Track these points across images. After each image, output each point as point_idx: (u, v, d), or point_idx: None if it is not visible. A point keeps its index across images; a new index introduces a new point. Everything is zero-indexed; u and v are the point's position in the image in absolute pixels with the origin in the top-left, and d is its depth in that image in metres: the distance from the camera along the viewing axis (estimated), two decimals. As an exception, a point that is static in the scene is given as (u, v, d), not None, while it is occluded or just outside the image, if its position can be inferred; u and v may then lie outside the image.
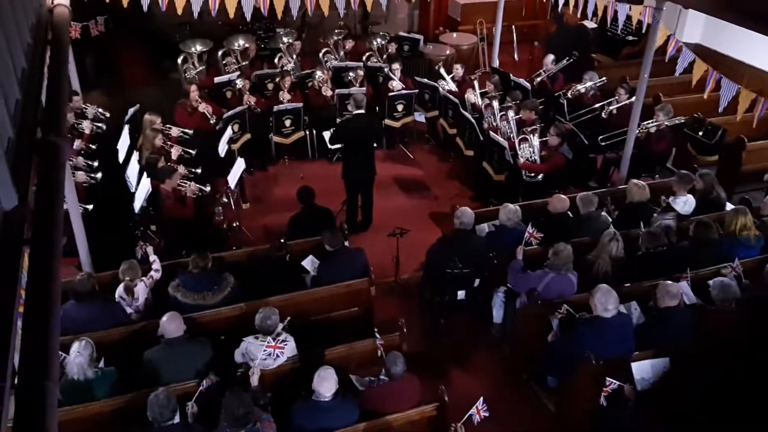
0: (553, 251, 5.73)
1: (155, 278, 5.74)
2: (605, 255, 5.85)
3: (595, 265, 5.86)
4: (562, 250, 5.69)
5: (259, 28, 11.31)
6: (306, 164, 9.35)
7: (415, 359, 5.74)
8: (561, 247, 5.71)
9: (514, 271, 5.94)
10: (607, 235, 5.83)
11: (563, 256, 5.68)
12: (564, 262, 5.70)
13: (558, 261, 5.67)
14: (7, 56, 3.24)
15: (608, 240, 5.81)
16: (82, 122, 7.59)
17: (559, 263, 5.68)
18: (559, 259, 5.68)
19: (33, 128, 3.31)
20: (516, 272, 5.92)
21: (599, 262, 5.85)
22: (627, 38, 11.37)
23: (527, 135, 7.79)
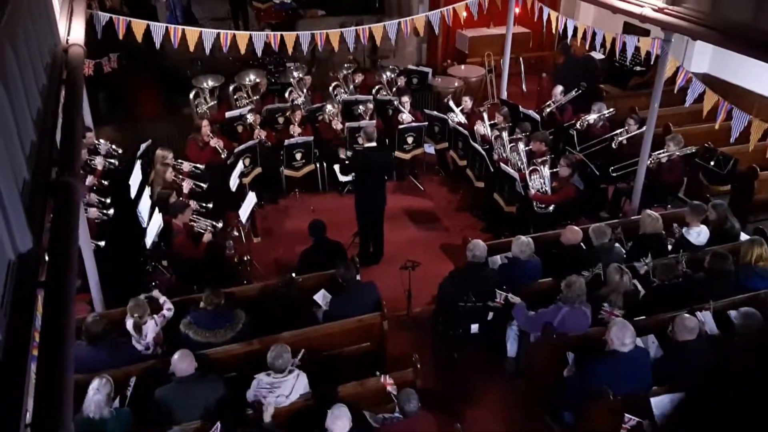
0: (565, 284, 5.67)
1: (167, 317, 5.70)
2: (619, 290, 5.77)
3: (607, 301, 5.78)
4: (574, 282, 5.63)
5: (270, 63, 11.47)
6: (317, 197, 9.39)
7: (429, 395, 5.69)
8: (573, 279, 5.65)
9: (521, 314, 5.85)
10: (615, 271, 5.75)
11: (576, 288, 5.62)
12: (577, 294, 5.63)
13: (571, 294, 5.61)
14: (23, 98, 3.27)
15: (619, 276, 5.73)
16: (94, 158, 7.65)
17: (572, 296, 5.61)
18: (572, 291, 5.61)
19: (48, 169, 3.33)
20: (524, 314, 5.83)
21: (612, 297, 5.78)
22: (635, 68, 11.42)
23: (538, 166, 7.78)
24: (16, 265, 2.47)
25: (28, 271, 2.52)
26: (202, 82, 9.81)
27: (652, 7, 6.51)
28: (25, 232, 2.60)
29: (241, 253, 7.83)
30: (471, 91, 11.26)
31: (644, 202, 7.91)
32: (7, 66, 2.90)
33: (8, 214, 2.46)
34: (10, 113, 2.87)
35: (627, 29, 10.14)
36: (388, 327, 6.03)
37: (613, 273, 5.82)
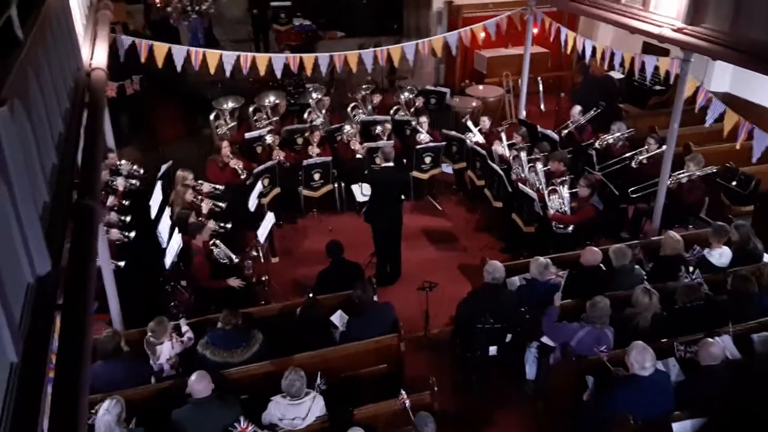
0: (590, 303, 5.62)
1: (185, 344, 5.71)
2: (646, 312, 5.69)
3: (634, 322, 5.70)
4: (599, 302, 5.58)
5: (290, 84, 11.59)
6: (335, 217, 9.42)
7: (447, 418, 5.64)
8: (598, 299, 5.61)
9: (549, 318, 5.82)
10: (643, 293, 5.68)
11: (600, 308, 5.57)
12: (600, 315, 5.57)
13: (595, 313, 5.55)
14: (45, 123, 3.33)
15: (648, 299, 5.65)
16: (116, 179, 7.75)
17: (596, 316, 5.55)
18: (596, 311, 5.56)
19: (69, 192, 3.38)
20: (551, 320, 5.80)
21: (639, 319, 5.70)
22: (654, 88, 11.36)
23: (556, 186, 7.74)
24: (34, 288, 2.50)
25: (46, 293, 2.55)
26: (223, 103, 9.93)
27: (670, 28, 6.48)
28: (44, 255, 2.63)
29: (259, 273, 7.86)
30: (489, 111, 11.27)
31: (665, 223, 7.81)
32: (30, 92, 2.96)
33: (27, 238, 2.49)
34: (32, 139, 2.92)
35: (646, 49, 10.11)
36: (406, 348, 6.00)
37: (641, 295, 5.74)
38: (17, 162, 2.43)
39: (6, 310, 2.05)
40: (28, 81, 2.94)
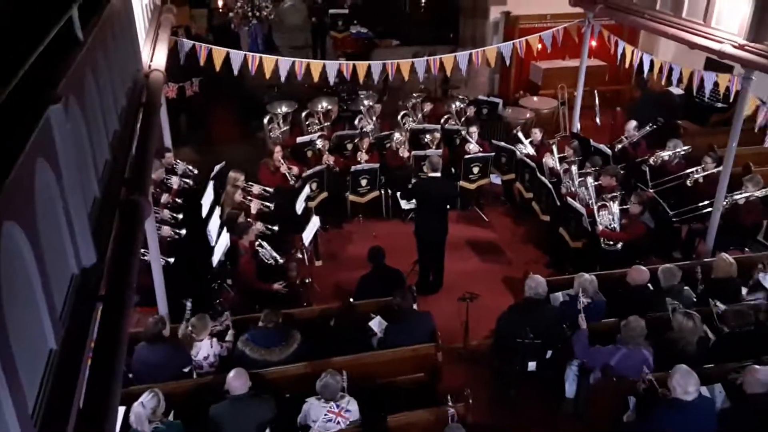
0: (623, 324, 5.49)
1: (219, 352, 5.83)
2: (691, 336, 5.52)
3: (679, 345, 5.53)
4: (632, 322, 5.45)
5: (343, 90, 11.72)
6: (380, 223, 9.46)
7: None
8: (632, 319, 5.48)
9: (580, 343, 5.70)
10: (686, 317, 5.50)
11: (632, 328, 5.43)
12: (635, 335, 5.43)
13: (628, 333, 5.42)
14: (100, 121, 3.48)
15: (689, 322, 5.48)
16: (171, 178, 8.00)
17: (629, 337, 5.41)
18: (630, 331, 5.42)
19: (118, 188, 3.51)
20: (582, 344, 5.68)
21: (683, 343, 5.52)
22: (716, 105, 11.02)
23: (606, 202, 7.58)
24: (78, 279, 2.62)
25: (89, 285, 2.66)
26: (276, 107, 10.14)
27: (731, 44, 6.30)
28: (90, 247, 2.75)
29: (303, 276, 7.96)
30: (542, 123, 11.14)
31: (720, 244, 7.56)
32: (86, 91, 3.10)
33: (75, 231, 2.61)
34: (86, 136, 3.05)
35: (709, 65, 9.82)
36: (443, 359, 5.97)
37: (683, 319, 5.56)
38: (69, 157, 2.55)
39: (48, 299, 2.15)
40: (85, 80, 3.08)
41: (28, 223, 1.98)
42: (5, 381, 1.66)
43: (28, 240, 1.95)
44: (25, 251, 1.95)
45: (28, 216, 2.02)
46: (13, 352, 1.75)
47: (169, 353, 5.44)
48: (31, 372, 1.93)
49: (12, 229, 1.84)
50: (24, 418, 1.78)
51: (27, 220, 1.98)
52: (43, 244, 2.13)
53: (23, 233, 1.91)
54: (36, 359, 2.02)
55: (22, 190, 1.96)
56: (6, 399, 1.67)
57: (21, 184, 1.94)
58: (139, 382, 5.26)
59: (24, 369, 1.82)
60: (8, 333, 1.73)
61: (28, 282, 2.00)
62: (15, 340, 1.76)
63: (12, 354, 1.74)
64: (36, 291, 2.04)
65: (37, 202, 2.11)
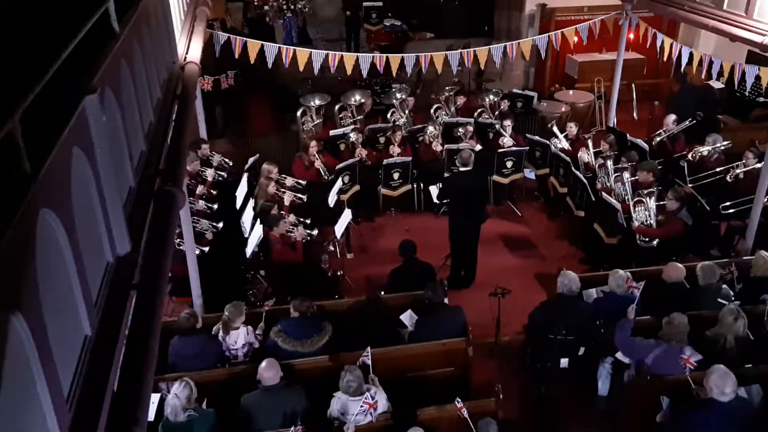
0: (666, 320, 5.39)
1: (252, 342, 5.88)
2: (730, 335, 5.39)
3: (719, 344, 5.41)
4: (675, 318, 5.35)
5: (376, 84, 11.72)
6: (412, 217, 9.45)
7: (511, 428, 5.54)
8: (675, 316, 5.37)
9: (623, 330, 5.60)
10: (730, 313, 5.39)
11: (676, 325, 5.33)
12: (677, 332, 5.32)
13: (671, 331, 5.31)
14: (136, 112, 3.52)
15: (733, 318, 5.36)
16: (206, 170, 8.10)
17: (672, 334, 5.31)
18: (672, 328, 5.32)
19: (153, 178, 3.56)
20: (625, 333, 5.59)
21: (724, 342, 5.40)
22: (758, 100, 10.71)
23: (643, 197, 7.44)
24: (113, 267, 2.66)
25: (124, 273, 2.70)
26: (310, 100, 10.18)
27: (775, 36, 6.11)
28: (125, 236, 2.79)
29: (334, 268, 8.00)
30: (578, 117, 10.97)
31: (760, 242, 7.35)
32: (122, 82, 3.14)
33: (110, 220, 2.65)
34: (122, 127, 3.10)
35: (751, 58, 9.55)
36: (474, 354, 5.94)
37: (727, 315, 5.45)
38: (104, 147, 2.58)
39: (84, 286, 2.18)
40: (120, 71, 3.13)
41: (64, 211, 2.01)
42: (41, 366, 1.69)
43: (63, 227, 1.98)
44: (61, 239, 1.99)
45: (64, 204, 2.05)
46: (49, 338, 1.78)
47: (203, 345, 5.53)
48: (66, 357, 1.96)
49: (48, 217, 1.87)
50: (59, 402, 1.81)
51: (63, 208, 2.01)
52: (79, 232, 2.17)
53: (59, 221, 1.94)
54: (71, 345, 2.06)
55: (58, 178, 1.99)
56: (42, 384, 1.70)
57: (57, 173, 1.97)
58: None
59: (59, 354, 1.85)
60: (44, 319, 1.77)
61: (63, 269, 2.03)
62: (51, 326, 1.80)
63: (48, 339, 1.77)
64: (71, 278, 2.08)
65: (73, 191, 2.14)
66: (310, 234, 7.16)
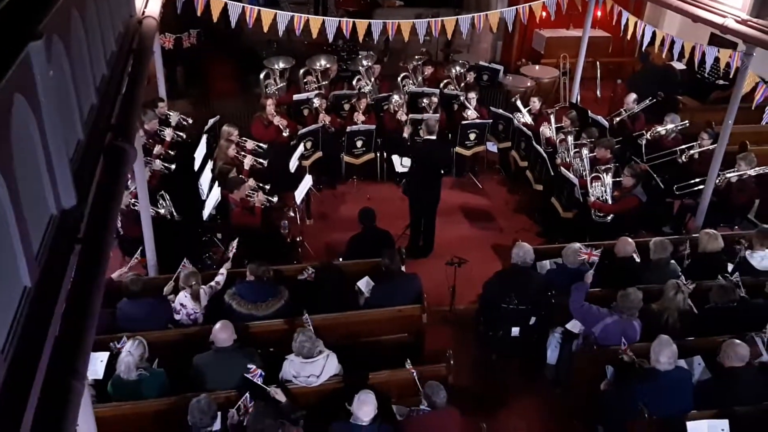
0: (621, 294, 5.49)
1: (215, 288, 5.86)
2: (672, 308, 5.57)
3: (663, 318, 5.58)
4: (631, 293, 5.46)
5: (343, 49, 11.57)
6: (374, 186, 9.45)
7: (461, 393, 5.66)
8: (631, 290, 5.48)
9: (578, 292, 5.69)
10: (671, 288, 5.55)
11: (631, 300, 5.44)
12: (630, 306, 5.45)
13: (625, 304, 5.44)
14: (87, 64, 3.43)
15: (674, 293, 5.53)
16: (164, 129, 7.94)
17: (626, 307, 5.44)
18: (627, 302, 5.44)
19: (104, 133, 3.48)
20: (580, 296, 5.67)
21: (667, 315, 5.57)
22: (717, 82, 10.92)
23: (600, 173, 7.57)
24: (57, 220, 2.61)
25: (68, 226, 2.65)
26: (274, 63, 10.01)
27: (735, 19, 6.21)
28: (70, 190, 2.73)
29: (294, 234, 7.98)
30: (542, 93, 11.05)
31: (711, 221, 7.58)
32: (72, 32, 3.04)
33: (55, 172, 2.59)
34: (71, 77, 3.01)
35: (713, 41, 9.71)
36: (429, 321, 6.03)
37: (669, 289, 5.61)
38: (49, 96, 2.51)
39: (24, 237, 2.14)
40: (70, 20, 3.03)
41: (2, 157, 1.96)
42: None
43: (1, 176, 1.93)
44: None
45: (3, 151, 2.00)
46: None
47: (152, 307, 5.48)
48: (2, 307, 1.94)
49: (-16, 163, 1.82)
50: (-7, 352, 1.79)
51: (1, 154, 1.96)
52: (19, 182, 2.11)
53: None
54: (8, 295, 2.02)
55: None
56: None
57: (-5, 118, 1.91)
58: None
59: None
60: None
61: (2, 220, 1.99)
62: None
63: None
64: (10, 228, 2.03)
65: (13, 139, 2.08)
66: (269, 200, 7.11)
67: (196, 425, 4.24)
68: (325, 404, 4.97)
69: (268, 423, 4.15)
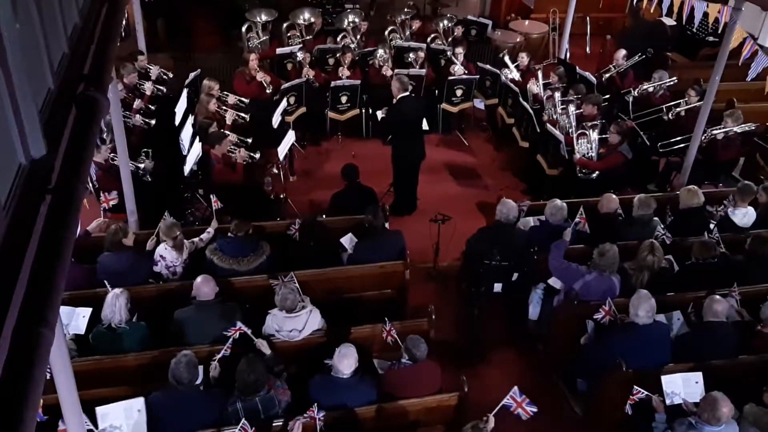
0: (598, 251, 5.50)
1: (197, 245, 5.82)
2: (645, 268, 5.58)
3: (633, 279, 5.60)
4: (608, 250, 5.46)
5: (328, 2, 11.30)
6: (359, 142, 9.36)
7: (443, 348, 5.72)
8: (607, 247, 5.48)
9: (557, 250, 5.70)
10: (645, 248, 5.56)
11: (609, 257, 5.45)
12: (609, 263, 5.48)
13: (603, 262, 5.45)
14: (57, 13, 3.32)
15: (646, 253, 5.53)
16: (144, 83, 7.78)
17: (604, 264, 5.47)
18: (605, 260, 5.45)
19: (76, 82, 3.39)
20: (559, 253, 5.69)
21: (638, 276, 5.59)
22: (707, 39, 10.82)
23: (586, 130, 7.52)
24: (26, 169, 2.55)
25: (38, 176, 2.59)
26: (256, 15, 9.77)
27: (725, -29, 6.10)
28: (40, 139, 2.67)
29: (277, 191, 7.92)
30: (531, 48, 10.89)
31: (695, 178, 7.58)
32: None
33: (22, 120, 2.52)
34: (39, 25, 2.91)
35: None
36: (412, 277, 6.05)
37: (642, 249, 5.61)
38: (16, 45, 2.43)
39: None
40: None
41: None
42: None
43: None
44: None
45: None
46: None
47: (133, 261, 5.44)
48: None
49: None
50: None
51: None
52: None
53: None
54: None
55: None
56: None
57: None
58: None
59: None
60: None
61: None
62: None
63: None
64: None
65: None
66: (251, 156, 7.02)
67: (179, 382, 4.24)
68: (307, 358, 5.00)
69: (259, 372, 4.17)
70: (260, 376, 4.15)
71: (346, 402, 4.43)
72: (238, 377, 4.16)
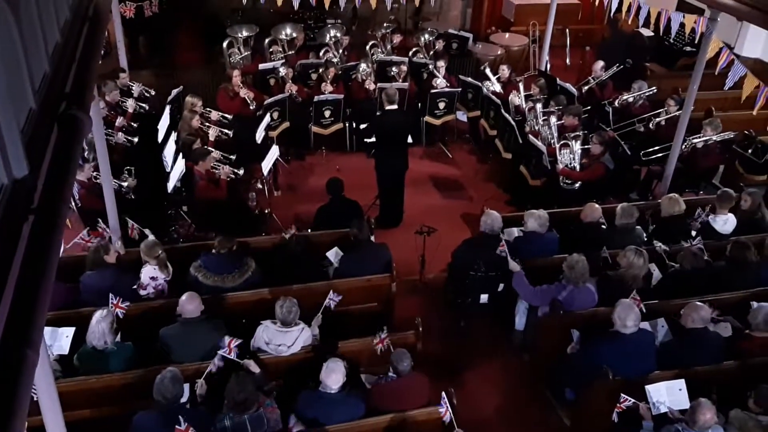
0: (567, 265, 5.52)
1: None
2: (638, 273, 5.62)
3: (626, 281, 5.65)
4: (577, 262, 5.48)
5: (310, 17, 11.36)
6: (343, 156, 9.37)
7: (431, 360, 5.72)
8: (576, 258, 5.50)
9: (523, 286, 5.75)
10: (632, 252, 5.60)
11: (579, 269, 5.48)
12: (580, 274, 5.51)
13: (574, 274, 5.49)
14: (38, 31, 3.31)
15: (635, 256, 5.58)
16: (126, 100, 7.75)
17: (576, 276, 5.50)
18: (575, 272, 5.47)
19: (58, 101, 3.38)
20: (525, 286, 5.74)
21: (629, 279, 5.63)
22: (684, 48, 10.99)
23: (568, 141, 7.60)
24: (9, 190, 2.53)
25: (20, 197, 2.58)
26: (237, 31, 9.79)
27: (700, -17, 6.22)
28: (22, 159, 2.65)
29: (262, 206, 7.90)
30: (512, 61, 11.00)
31: (676, 187, 7.67)
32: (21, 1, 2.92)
33: (4, 140, 2.51)
34: (20, 43, 2.90)
35: (682, 7, 9.75)
36: (398, 290, 6.05)
37: (630, 254, 5.67)
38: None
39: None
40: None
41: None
42: None
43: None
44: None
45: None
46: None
47: (116, 277, 5.39)
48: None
49: None
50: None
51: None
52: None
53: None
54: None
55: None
56: None
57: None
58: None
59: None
60: None
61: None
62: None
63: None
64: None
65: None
66: (235, 173, 7.00)
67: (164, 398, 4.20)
68: (294, 374, 4.98)
69: (249, 390, 4.14)
70: (250, 395, 4.12)
71: (333, 417, 4.42)
72: (228, 396, 4.14)
